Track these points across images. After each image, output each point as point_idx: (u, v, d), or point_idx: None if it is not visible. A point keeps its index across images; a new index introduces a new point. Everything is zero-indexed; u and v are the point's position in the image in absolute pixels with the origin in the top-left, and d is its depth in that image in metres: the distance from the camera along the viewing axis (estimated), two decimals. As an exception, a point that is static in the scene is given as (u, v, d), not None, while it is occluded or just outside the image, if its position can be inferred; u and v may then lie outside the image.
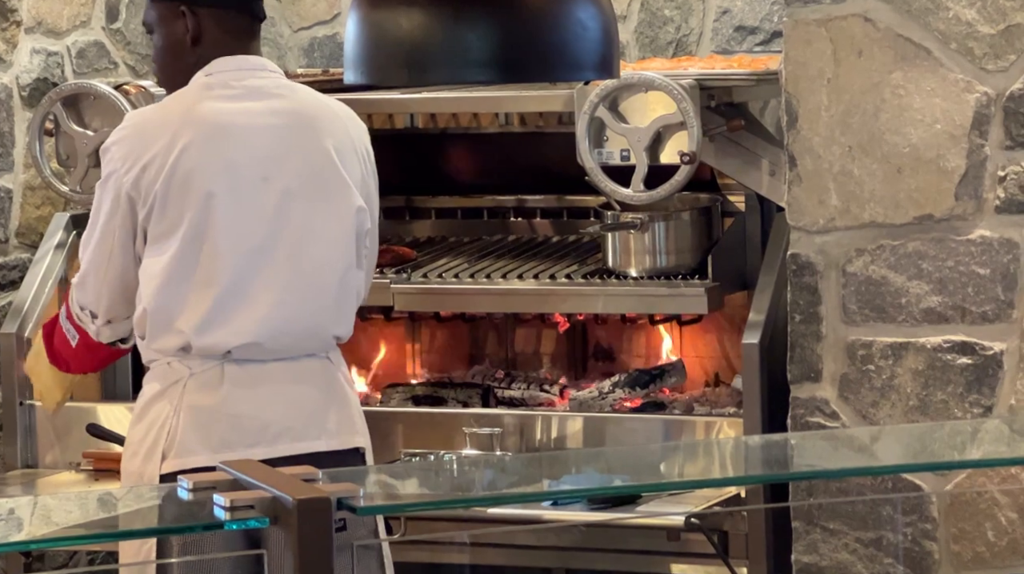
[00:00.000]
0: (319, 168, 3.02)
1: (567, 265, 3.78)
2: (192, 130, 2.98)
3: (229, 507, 2.09)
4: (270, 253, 2.99)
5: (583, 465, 2.49)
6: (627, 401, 3.77)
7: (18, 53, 3.94)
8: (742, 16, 3.97)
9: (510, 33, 2.26)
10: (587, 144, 3.57)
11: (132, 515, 2.36)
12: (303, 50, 4.22)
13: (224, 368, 2.99)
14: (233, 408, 2.98)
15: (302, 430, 3.00)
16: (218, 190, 2.97)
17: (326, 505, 2.08)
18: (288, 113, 3.03)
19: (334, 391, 3.05)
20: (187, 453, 2.97)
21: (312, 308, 3.01)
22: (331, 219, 3.02)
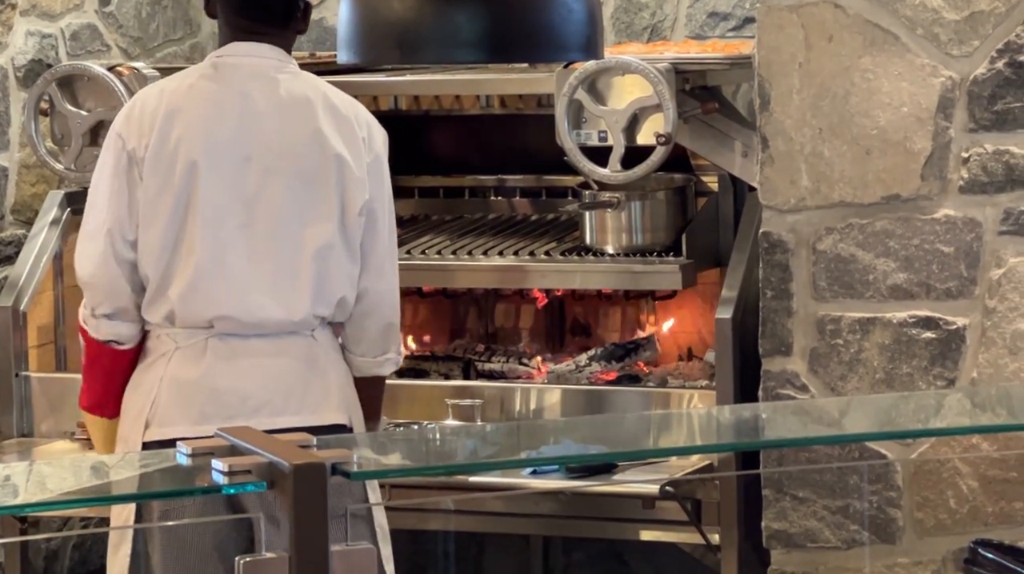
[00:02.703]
0: (304, 151, 3.07)
1: (546, 243, 3.87)
2: (187, 103, 3.08)
3: (227, 472, 2.15)
4: (250, 230, 3.05)
5: (562, 435, 2.55)
6: (603, 374, 3.87)
7: (13, 35, 4.00)
8: (715, 2, 4.07)
9: (498, 15, 2.31)
10: (566, 125, 3.66)
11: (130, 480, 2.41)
12: (290, 33, 4.28)
13: (208, 342, 3.06)
14: (213, 381, 3.06)
15: (281, 404, 3.06)
16: (201, 162, 3.05)
17: (321, 470, 2.12)
18: (280, 97, 3.09)
19: (316, 368, 3.10)
20: (168, 423, 3.06)
21: (288, 287, 3.06)
22: (313, 202, 3.07)
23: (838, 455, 3.50)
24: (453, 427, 3.56)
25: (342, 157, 3.09)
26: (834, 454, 3.50)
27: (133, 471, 2.41)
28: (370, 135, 3.14)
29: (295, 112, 3.09)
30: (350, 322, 3.14)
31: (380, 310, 3.15)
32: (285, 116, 3.09)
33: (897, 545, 3.47)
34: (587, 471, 3.52)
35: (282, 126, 3.08)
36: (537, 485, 3.48)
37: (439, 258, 3.84)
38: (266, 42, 3.13)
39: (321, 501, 2.14)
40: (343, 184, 3.09)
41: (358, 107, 3.17)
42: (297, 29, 3.18)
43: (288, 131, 3.08)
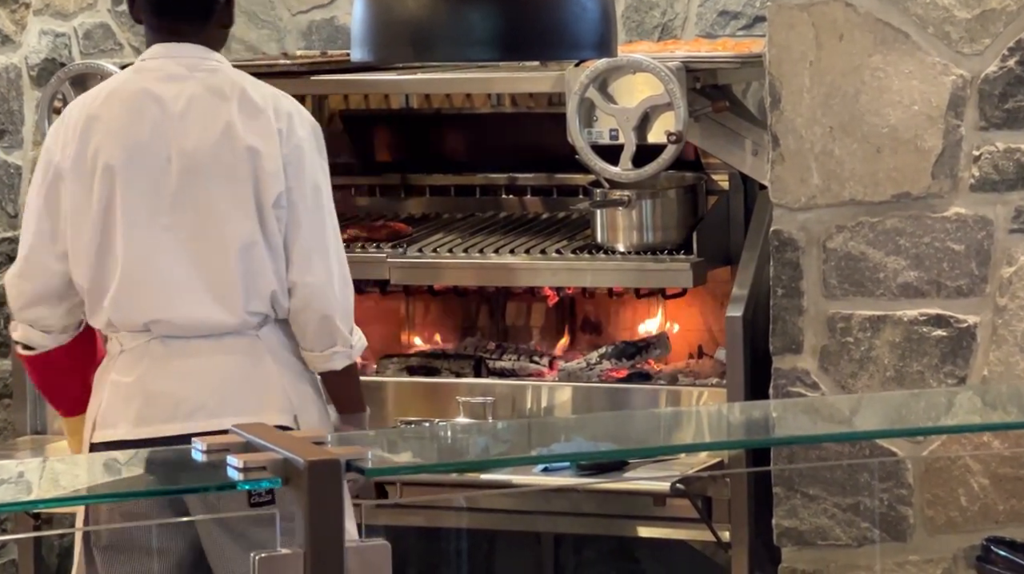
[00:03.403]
0: (217, 147, 3.05)
1: (557, 241, 3.89)
2: (104, 110, 3.08)
3: (242, 468, 2.15)
4: (176, 231, 3.04)
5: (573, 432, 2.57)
6: (614, 372, 3.88)
7: (27, 34, 4.02)
8: (725, 1, 4.08)
9: (512, 13, 2.31)
10: (577, 124, 3.67)
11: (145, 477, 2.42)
12: (301, 33, 4.30)
13: (148, 345, 3.06)
14: (149, 385, 3.05)
15: (217, 407, 3.03)
16: (119, 167, 3.05)
17: (336, 466, 2.13)
18: (194, 96, 3.07)
19: (259, 368, 3.06)
20: (109, 425, 3.07)
21: (219, 287, 3.04)
22: (231, 197, 3.05)
23: (848, 453, 3.51)
24: (465, 425, 3.57)
25: (254, 149, 3.05)
26: (844, 452, 3.51)
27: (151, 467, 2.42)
28: (290, 126, 3.08)
29: (208, 109, 3.06)
30: (290, 318, 3.10)
31: (312, 304, 3.08)
32: (198, 114, 3.06)
33: (908, 543, 3.48)
34: (598, 468, 3.53)
35: (196, 124, 3.06)
36: (548, 482, 3.49)
37: (450, 256, 3.86)
38: (188, 41, 3.11)
39: (336, 497, 2.15)
40: (256, 177, 3.05)
41: (280, 99, 3.12)
42: (222, 23, 3.15)
43: (202, 129, 3.06)
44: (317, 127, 3.14)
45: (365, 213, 4.15)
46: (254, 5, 4.30)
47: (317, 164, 3.11)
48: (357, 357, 3.15)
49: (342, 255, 3.13)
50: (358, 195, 4.19)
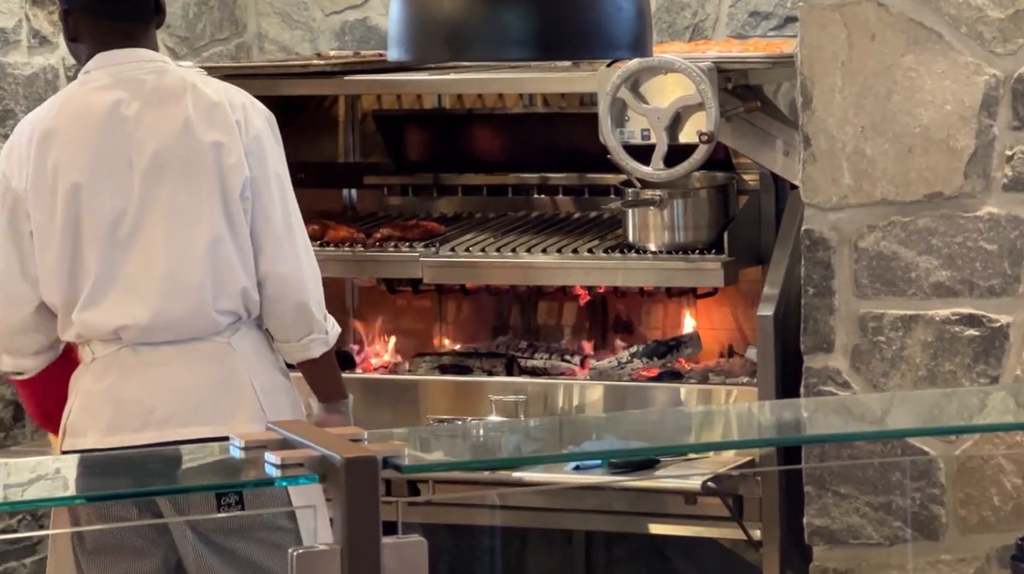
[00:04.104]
0: (177, 146, 3.03)
1: (588, 240, 3.90)
2: (58, 123, 3.07)
3: (280, 465, 2.16)
4: (142, 235, 3.02)
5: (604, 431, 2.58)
6: (645, 371, 3.89)
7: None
8: (756, 2, 4.09)
9: (547, 13, 2.32)
10: (609, 124, 3.69)
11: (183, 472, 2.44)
12: (334, 33, 4.32)
13: (119, 354, 3.04)
14: (120, 393, 3.04)
15: (188, 415, 3.02)
16: (83, 180, 3.03)
17: (372, 463, 2.14)
18: (148, 97, 3.05)
19: (232, 376, 3.04)
20: (78, 434, 3.07)
21: (185, 288, 3.02)
22: (195, 194, 3.03)
23: (880, 451, 3.52)
24: (497, 423, 3.59)
25: (216, 143, 3.03)
26: (876, 450, 3.52)
27: (183, 465, 2.43)
28: (246, 118, 3.06)
29: (164, 109, 3.05)
30: (264, 311, 3.07)
31: (286, 293, 3.06)
32: (155, 115, 3.05)
33: (940, 542, 3.48)
34: (629, 467, 3.55)
35: (153, 127, 3.04)
36: (580, 480, 3.50)
37: (482, 255, 3.87)
38: (130, 46, 3.10)
39: (373, 494, 2.16)
40: (220, 171, 3.03)
41: (232, 92, 3.10)
42: (159, 23, 3.15)
43: (159, 130, 3.04)
44: (271, 117, 3.12)
45: (397, 212, 4.17)
46: (287, 6, 4.33)
47: (276, 154, 3.09)
48: (333, 343, 3.13)
49: (308, 243, 3.12)
50: (391, 195, 4.22)
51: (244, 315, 3.08)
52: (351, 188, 4.23)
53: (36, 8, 4.00)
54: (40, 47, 4.02)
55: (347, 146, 4.22)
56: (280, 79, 3.89)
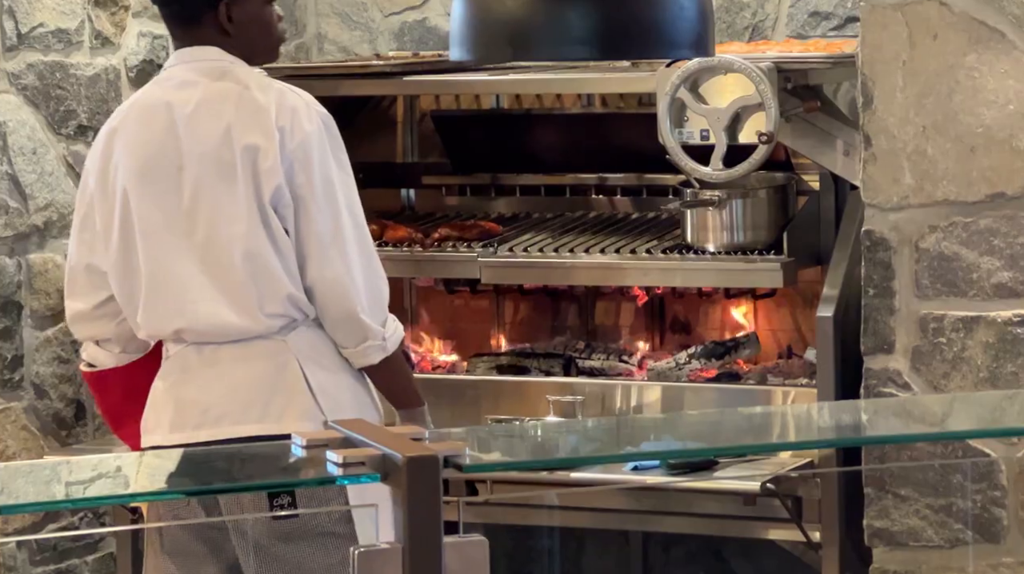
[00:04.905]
0: (218, 150, 3.02)
1: (646, 240, 3.89)
2: (123, 122, 3.09)
3: (342, 463, 2.16)
4: (192, 239, 3.03)
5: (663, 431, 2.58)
6: (703, 371, 3.88)
7: (126, 36, 4.08)
8: (817, 2, 4.07)
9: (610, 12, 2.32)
10: (668, 124, 3.68)
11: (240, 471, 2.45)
12: (393, 34, 4.33)
13: (185, 352, 3.07)
14: (179, 391, 3.06)
15: (241, 413, 3.02)
16: (135, 179, 3.05)
17: (434, 462, 2.14)
18: (199, 100, 3.05)
19: (283, 375, 3.03)
20: (148, 431, 3.10)
21: (230, 292, 3.02)
22: (233, 200, 3.02)
23: (941, 453, 3.49)
24: (556, 423, 3.59)
25: (251, 146, 3.01)
26: (937, 452, 3.50)
27: (243, 464, 2.43)
28: (294, 122, 3.01)
29: (211, 113, 3.04)
30: (319, 316, 3.05)
31: (333, 300, 3.02)
32: (203, 119, 3.04)
33: (1001, 544, 3.46)
34: (688, 467, 3.54)
35: (200, 130, 3.04)
36: (638, 481, 3.50)
37: (540, 255, 3.88)
38: (194, 43, 3.08)
39: (434, 493, 2.16)
40: (255, 175, 3.01)
41: (287, 95, 3.05)
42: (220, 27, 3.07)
43: (205, 134, 3.04)
44: (328, 120, 3.07)
45: (455, 213, 4.18)
46: (347, 7, 4.34)
47: (328, 158, 3.03)
48: (393, 349, 3.09)
49: (367, 247, 3.06)
50: (449, 195, 4.23)
51: (299, 317, 3.07)
52: (409, 188, 4.24)
53: (99, 9, 4.04)
54: (102, 48, 4.05)
55: (406, 146, 4.24)
56: (339, 80, 3.91)
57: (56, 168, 3.99)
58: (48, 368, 3.98)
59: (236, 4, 3.09)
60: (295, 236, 3.03)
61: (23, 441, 3.92)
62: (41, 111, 3.95)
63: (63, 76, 3.99)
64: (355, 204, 3.09)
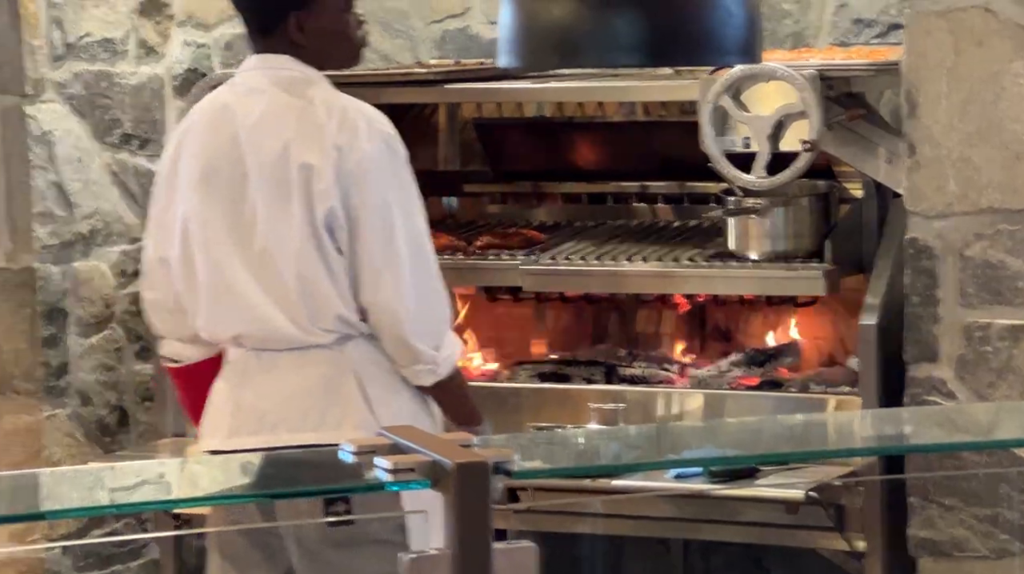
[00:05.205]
0: (273, 165, 3.02)
1: (688, 248, 3.89)
2: (195, 123, 3.10)
3: (392, 470, 2.16)
4: (248, 248, 3.03)
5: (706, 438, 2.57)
6: (744, 379, 3.88)
7: (170, 45, 4.10)
8: (860, 9, 4.07)
9: (657, 19, 2.31)
10: (711, 132, 3.68)
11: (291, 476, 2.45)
12: (435, 42, 4.34)
13: (245, 357, 3.07)
14: (238, 397, 3.07)
15: (298, 421, 3.03)
16: (198, 182, 3.06)
17: (483, 469, 2.14)
18: (263, 109, 3.05)
19: (340, 384, 3.02)
20: (207, 436, 3.12)
21: (283, 306, 3.02)
22: (284, 218, 3.01)
23: (986, 463, 3.48)
24: (599, 430, 3.58)
25: (306, 165, 2.99)
26: (982, 461, 3.48)
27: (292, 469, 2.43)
28: (353, 141, 2.98)
29: (273, 125, 3.03)
30: (374, 335, 3.04)
31: (383, 324, 3.01)
32: (265, 130, 3.04)
33: (1047, 554, 3.45)
34: (730, 475, 3.53)
35: (260, 141, 3.03)
36: (679, 488, 3.49)
37: (582, 263, 3.88)
38: (266, 50, 3.07)
39: (483, 499, 2.16)
40: (308, 195, 3.00)
41: (350, 111, 3.02)
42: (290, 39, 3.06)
43: (266, 146, 3.03)
44: (392, 140, 3.05)
45: (497, 221, 4.19)
46: (388, 15, 4.35)
47: (387, 178, 3.02)
48: (446, 373, 3.09)
49: (425, 269, 3.04)
50: (490, 203, 4.23)
51: (353, 332, 3.07)
52: (451, 196, 4.25)
53: (144, 19, 4.06)
54: (147, 57, 4.08)
55: (447, 154, 4.25)
56: (381, 87, 3.92)
57: (101, 177, 4.02)
58: (92, 375, 4.00)
59: (308, 16, 3.08)
60: (348, 257, 3.02)
61: (67, 447, 3.94)
62: (87, 120, 3.97)
63: (108, 85, 4.01)
64: (415, 226, 3.05)
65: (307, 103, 3.05)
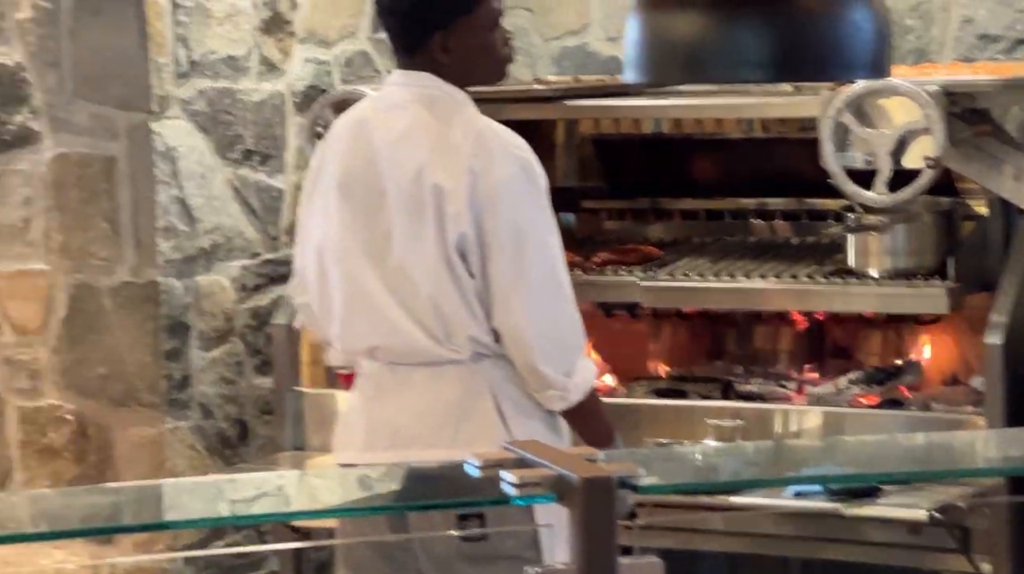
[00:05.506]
0: (410, 185, 3.02)
1: (807, 265, 3.87)
2: (340, 133, 3.12)
3: (518, 484, 2.17)
4: (383, 263, 3.03)
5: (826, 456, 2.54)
6: (864, 398, 3.84)
7: (291, 62, 4.15)
8: (985, 24, 4.02)
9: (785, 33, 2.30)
10: (831, 148, 3.65)
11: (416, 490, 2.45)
12: (553, 59, 4.36)
13: (380, 372, 3.07)
14: (372, 411, 3.07)
15: (431, 437, 3.03)
16: (337, 195, 3.07)
17: (609, 483, 2.15)
18: (402, 129, 3.04)
19: (475, 401, 3.02)
20: (341, 449, 3.13)
21: (416, 323, 3.02)
22: (420, 240, 3.01)
23: (1115, 484, 3.41)
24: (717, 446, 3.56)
25: (440, 189, 2.99)
26: (1111, 483, 3.41)
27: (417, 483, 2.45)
28: (488, 165, 2.97)
29: (409, 146, 3.03)
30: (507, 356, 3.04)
31: (514, 349, 3.01)
32: (400, 150, 3.04)
33: None
34: (850, 494, 3.50)
35: (399, 159, 3.03)
36: (799, 506, 3.46)
37: (700, 280, 3.86)
38: (410, 67, 3.07)
39: (609, 513, 2.16)
40: (441, 217, 3.00)
41: (486, 135, 3.02)
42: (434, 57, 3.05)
43: (402, 164, 3.03)
44: (528, 165, 3.03)
45: (615, 237, 4.19)
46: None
47: (521, 203, 3.00)
48: (576, 399, 3.07)
49: (557, 294, 3.03)
50: (608, 219, 4.24)
51: (487, 351, 3.07)
52: (568, 212, 4.25)
53: (266, 36, 4.11)
54: (268, 73, 4.12)
55: (565, 170, 4.25)
56: (500, 104, 3.93)
57: (223, 192, 4.06)
58: (214, 388, 4.04)
59: (452, 34, 3.08)
60: (480, 280, 3.02)
61: (189, 459, 3.99)
62: (210, 136, 4.02)
63: (231, 102, 4.06)
64: (550, 250, 3.05)
65: (445, 124, 3.04)
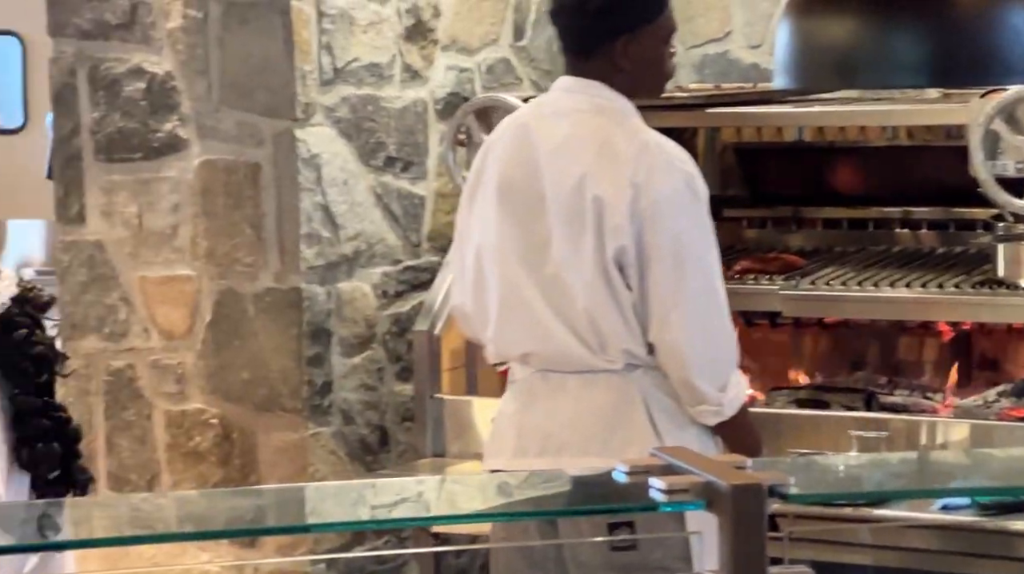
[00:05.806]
0: (569, 196, 3.01)
1: (953, 275, 3.81)
2: (500, 139, 3.12)
3: (667, 490, 2.16)
4: (539, 270, 3.03)
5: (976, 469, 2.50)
6: (1013, 410, 3.77)
7: (434, 69, 4.18)
8: None
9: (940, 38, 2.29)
10: (981, 156, 3.60)
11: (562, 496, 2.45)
12: (695, 66, 4.34)
13: (531, 378, 3.07)
14: (524, 417, 3.07)
15: (583, 445, 3.02)
16: (497, 199, 3.07)
17: (759, 491, 2.12)
18: (563, 137, 3.03)
19: (627, 411, 3.02)
20: (491, 455, 3.13)
21: (572, 327, 3.01)
22: (578, 250, 3.00)
23: None
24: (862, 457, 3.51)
25: (601, 201, 2.98)
26: None
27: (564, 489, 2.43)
28: (650, 179, 2.96)
29: (571, 155, 3.02)
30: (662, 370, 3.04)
31: (670, 364, 3.01)
32: (562, 159, 3.03)
33: None
34: (1001, 508, 3.43)
35: (560, 167, 3.02)
36: (946, 520, 3.41)
37: (843, 289, 3.82)
38: (577, 74, 3.06)
39: (759, 521, 2.14)
40: (600, 229, 2.99)
41: (650, 149, 3.00)
42: (613, 62, 3.03)
43: (562, 175, 3.02)
44: (691, 179, 3.02)
45: (756, 245, 4.16)
46: (647, 40, 4.36)
47: (683, 218, 3.00)
48: (730, 414, 3.07)
49: (714, 309, 3.02)
50: (749, 227, 4.21)
51: (641, 363, 3.07)
52: (710, 220, 4.23)
53: (409, 44, 4.14)
54: (411, 81, 4.15)
55: (706, 178, 4.22)
56: (642, 112, 3.91)
57: (366, 199, 4.09)
58: (355, 395, 4.08)
59: (635, 41, 3.07)
60: (638, 293, 3.02)
61: (331, 465, 4.02)
62: (353, 143, 4.05)
63: (374, 109, 4.09)
64: (707, 266, 3.05)
65: (610, 134, 3.03)
